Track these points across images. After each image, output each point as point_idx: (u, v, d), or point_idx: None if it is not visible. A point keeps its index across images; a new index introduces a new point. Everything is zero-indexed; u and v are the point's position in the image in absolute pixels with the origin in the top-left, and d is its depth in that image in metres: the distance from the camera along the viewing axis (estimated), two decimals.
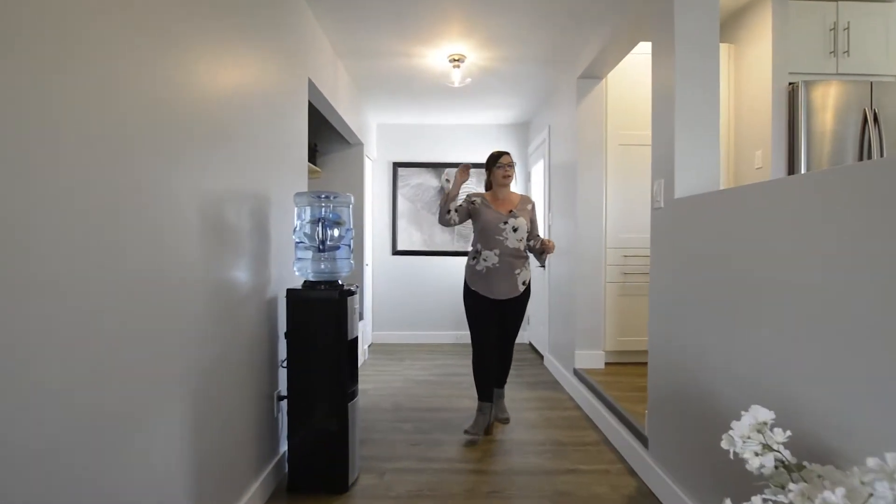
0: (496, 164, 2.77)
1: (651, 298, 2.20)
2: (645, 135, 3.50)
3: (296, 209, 2.12)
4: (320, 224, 2.06)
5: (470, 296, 2.80)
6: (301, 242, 2.10)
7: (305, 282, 2.12)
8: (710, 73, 1.99)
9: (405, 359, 4.52)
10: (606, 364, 3.46)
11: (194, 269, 1.49)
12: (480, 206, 2.77)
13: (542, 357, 4.55)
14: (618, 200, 3.51)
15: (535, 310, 4.86)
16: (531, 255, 2.86)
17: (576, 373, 3.39)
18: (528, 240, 2.81)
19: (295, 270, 2.13)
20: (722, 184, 2.93)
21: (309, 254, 2.09)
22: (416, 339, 5.21)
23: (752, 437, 1.12)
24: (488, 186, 2.89)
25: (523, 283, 2.79)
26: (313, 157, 4.23)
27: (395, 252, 5.22)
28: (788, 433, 1.06)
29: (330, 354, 2.06)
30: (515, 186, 5.25)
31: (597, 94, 3.42)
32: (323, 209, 2.09)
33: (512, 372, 3.72)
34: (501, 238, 2.70)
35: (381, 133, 5.21)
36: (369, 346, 4.95)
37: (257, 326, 2.01)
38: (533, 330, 5.02)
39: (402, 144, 5.21)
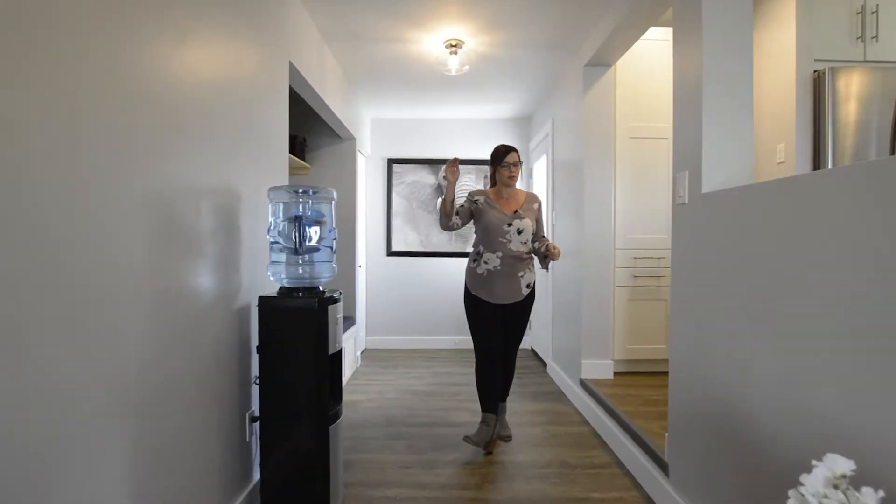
0: (501, 163, 2.56)
1: (673, 305, 1.95)
2: (657, 127, 3.26)
3: (270, 206, 1.87)
4: (297, 223, 1.81)
5: (471, 301, 2.59)
6: (276, 243, 1.85)
7: (281, 288, 1.87)
8: (742, 51, 1.74)
9: (400, 366, 4.27)
10: (615, 374, 3.21)
11: (134, 275, 1.24)
12: (483, 206, 2.56)
13: (544, 364, 4.30)
14: (627, 198, 3.26)
15: (538, 314, 4.60)
16: (535, 257, 2.64)
17: (582, 383, 3.14)
18: (533, 241, 2.60)
19: (269, 275, 1.88)
20: None
21: (284, 256, 1.84)
22: (412, 344, 4.97)
23: (829, 495, 0.87)
24: (493, 182, 2.67)
25: (527, 287, 2.58)
26: (302, 152, 3.98)
27: (390, 253, 4.97)
28: (881, 493, 0.81)
29: (308, 371, 1.81)
30: (518, 186, 5.00)
31: (605, 83, 3.17)
32: (301, 206, 1.84)
33: (513, 381, 3.49)
34: (505, 241, 2.50)
35: (375, 128, 4.97)
36: (362, 353, 4.70)
37: (225, 339, 1.76)
38: (535, 335, 4.78)
39: (397, 140, 4.97)
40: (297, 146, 3.85)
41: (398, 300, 4.97)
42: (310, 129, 4.13)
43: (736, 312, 1.50)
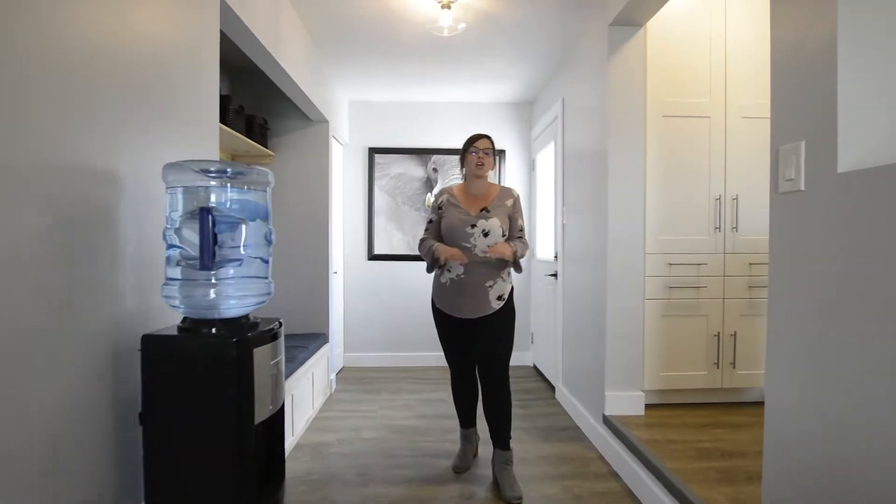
0: (470, 149, 2.24)
1: (772, 333, 1.32)
2: (696, 103, 2.65)
3: (166, 194, 1.22)
4: (206, 220, 1.15)
5: (436, 314, 2.31)
6: (175, 247, 1.20)
7: (185, 321, 1.22)
8: None
9: (383, 390, 3.62)
10: (646, 406, 2.59)
11: None
12: (446, 206, 2.24)
13: (552, 388, 3.68)
14: (659, 190, 2.64)
15: (541, 326, 3.99)
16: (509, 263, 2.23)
17: (606, 421, 2.52)
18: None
19: (164, 299, 1.23)
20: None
21: (187, 272, 1.19)
22: (397, 361, 4.31)
23: None
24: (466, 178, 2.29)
25: (499, 299, 2.19)
26: (263, 136, 3.32)
27: (372, 257, 4.31)
28: None
29: (224, 449, 1.16)
30: (519, 179, 4.38)
31: (634, 47, 2.55)
32: (212, 193, 1.19)
33: (516, 407, 2.87)
34: (469, 245, 2.15)
35: (354, 112, 4.31)
36: (338, 374, 4.04)
37: (84, 404, 1.10)
38: (539, 350, 4.15)
39: (380, 126, 4.31)
40: (257, 129, 3.19)
41: (381, 311, 4.32)
42: (273, 110, 3.47)
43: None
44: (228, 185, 1.21)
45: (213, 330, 1.19)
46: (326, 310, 3.55)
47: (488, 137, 2.25)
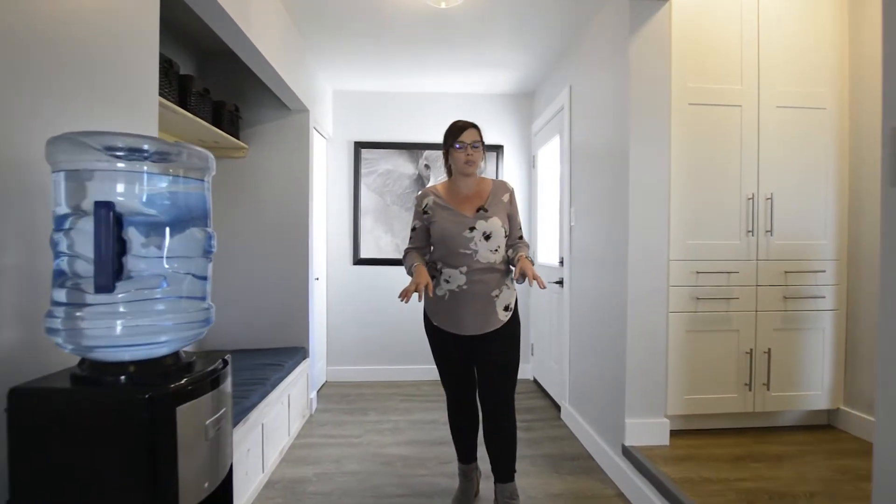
0: (455, 143, 1.89)
1: (887, 362, 0.99)
2: (728, 90, 2.33)
3: (52, 180, 0.86)
4: (107, 220, 0.79)
5: (432, 332, 1.98)
6: (65, 256, 0.83)
7: (84, 363, 0.86)
8: None
9: (369, 410, 3.26)
10: (672, 434, 2.26)
11: None
12: (433, 209, 1.92)
13: (557, 407, 3.34)
14: (685, 188, 2.32)
15: (543, 337, 3.65)
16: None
17: (627, 453, 2.19)
18: (507, 246, 1.94)
19: (48, 334, 0.86)
20: None
21: (77, 295, 0.82)
22: (385, 375, 3.95)
23: None
24: (450, 173, 2.00)
25: (505, 309, 1.91)
26: (234, 125, 2.94)
27: (358, 261, 3.94)
28: None
29: None
30: (519, 177, 4.05)
31: (659, 25, 2.22)
32: (120, 182, 0.83)
33: (518, 429, 2.54)
34: (469, 252, 1.85)
35: (340, 103, 3.94)
36: (320, 391, 3.67)
37: None
38: (539, 363, 3.82)
39: (367, 119, 3.95)
40: (227, 117, 2.81)
41: (368, 320, 3.95)
42: (246, 97, 3.09)
43: None
44: (146, 170, 0.85)
45: (122, 378, 0.83)
46: (306, 320, 3.18)
47: (475, 127, 1.92)
